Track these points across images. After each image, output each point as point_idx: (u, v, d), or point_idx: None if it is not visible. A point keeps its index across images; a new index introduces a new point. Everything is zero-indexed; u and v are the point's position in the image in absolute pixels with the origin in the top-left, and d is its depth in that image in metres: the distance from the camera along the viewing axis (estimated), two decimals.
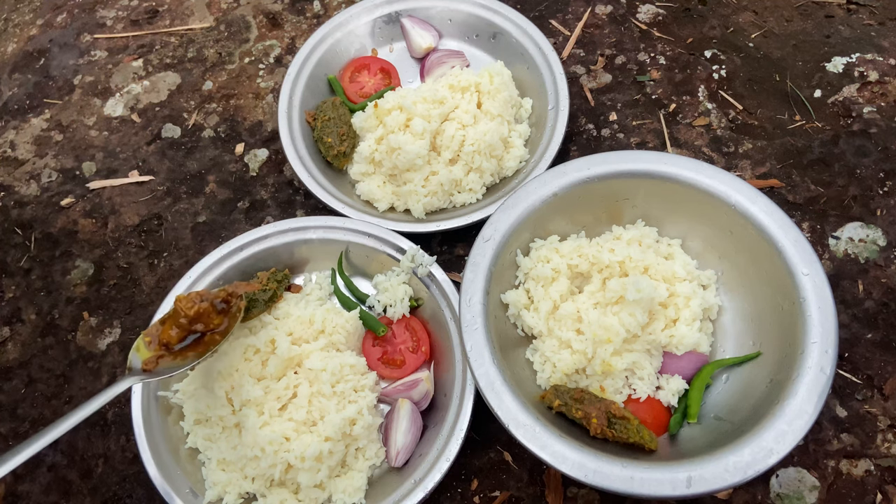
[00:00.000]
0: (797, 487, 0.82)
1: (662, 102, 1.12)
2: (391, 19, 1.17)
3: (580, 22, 1.23)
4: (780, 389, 0.72)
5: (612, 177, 0.87)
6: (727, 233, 0.85)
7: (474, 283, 0.81)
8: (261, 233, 0.96)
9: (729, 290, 0.88)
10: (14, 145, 1.23)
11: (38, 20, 1.40)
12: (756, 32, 1.18)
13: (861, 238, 0.97)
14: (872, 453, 0.83)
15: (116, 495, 0.90)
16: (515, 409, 0.73)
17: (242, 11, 1.34)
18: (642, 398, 0.82)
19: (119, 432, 0.94)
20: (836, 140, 1.05)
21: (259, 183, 1.12)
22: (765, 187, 1.02)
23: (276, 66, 1.26)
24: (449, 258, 1.02)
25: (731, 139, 1.08)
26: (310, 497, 0.82)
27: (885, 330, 0.91)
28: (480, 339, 0.77)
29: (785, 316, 0.78)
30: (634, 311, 0.80)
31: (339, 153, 1.05)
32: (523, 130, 1.05)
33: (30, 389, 0.99)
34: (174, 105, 1.23)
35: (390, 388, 0.89)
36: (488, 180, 1.02)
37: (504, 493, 0.85)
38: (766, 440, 0.68)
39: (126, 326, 1.02)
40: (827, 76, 1.12)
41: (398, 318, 0.93)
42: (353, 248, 0.96)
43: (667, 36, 1.19)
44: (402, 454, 0.83)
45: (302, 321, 0.89)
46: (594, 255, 0.86)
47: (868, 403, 0.86)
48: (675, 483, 0.67)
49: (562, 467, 0.69)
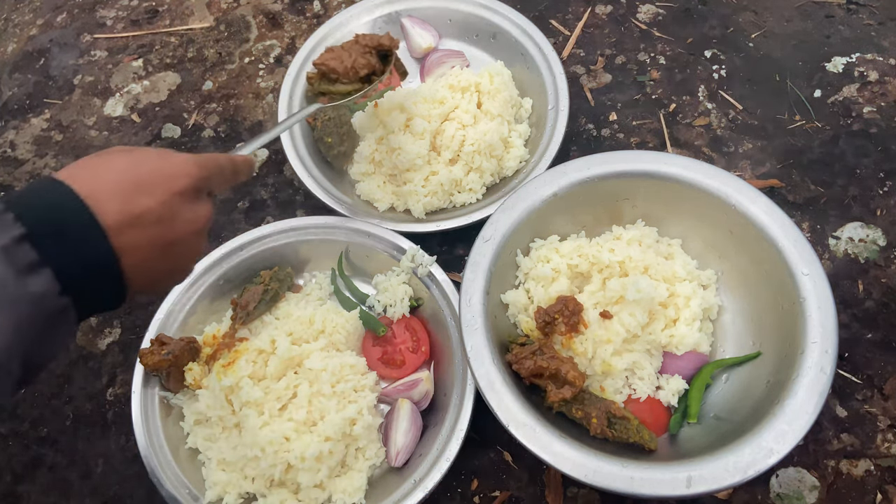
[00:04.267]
0: (797, 487, 0.82)
1: (662, 102, 1.12)
2: (391, 19, 1.17)
3: (580, 22, 1.23)
4: (780, 389, 0.72)
5: (612, 177, 0.87)
6: (727, 233, 0.85)
7: (474, 283, 0.81)
8: (261, 233, 0.96)
9: (729, 290, 0.88)
10: (14, 145, 1.23)
11: (38, 20, 1.40)
12: (756, 32, 1.18)
13: (861, 238, 0.97)
14: (872, 453, 0.83)
15: (116, 495, 0.90)
16: (515, 409, 0.73)
17: (242, 11, 1.34)
18: (642, 398, 0.82)
19: (119, 432, 0.94)
20: (836, 140, 1.05)
21: (259, 183, 1.12)
22: (765, 187, 1.02)
23: (276, 66, 1.26)
24: (449, 258, 1.02)
25: (731, 139, 1.08)
26: (310, 497, 0.82)
27: (885, 330, 0.91)
28: (480, 339, 0.77)
29: (785, 316, 0.78)
30: (634, 311, 0.81)
31: (339, 153, 1.05)
32: (523, 130, 1.05)
33: (30, 389, 0.99)
34: (174, 105, 1.23)
35: (390, 388, 0.89)
36: (488, 180, 1.02)
37: (504, 493, 0.85)
38: (766, 440, 0.68)
39: (126, 326, 1.02)
40: (827, 76, 1.12)
41: (398, 318, 0.93)
42: (353, 248, 0.96)
43: (667, 36, 1.19)
44: (402, 454, 0.83)
45: (302, 321, 0.89)
46: (594, 255, 0.86)
47: (868, 403, 0.86)
48: (675, 483, 0.67)
49: (562, 467, 0.69)
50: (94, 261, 0.49)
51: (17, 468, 0.94)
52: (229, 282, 0.96)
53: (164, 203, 0.54)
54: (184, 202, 0.56)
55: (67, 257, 0.47)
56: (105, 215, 0.49)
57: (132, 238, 0.51)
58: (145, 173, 0.54)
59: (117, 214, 0.50)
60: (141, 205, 0.52)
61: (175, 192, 0.55)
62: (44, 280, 0.46)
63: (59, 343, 0.50)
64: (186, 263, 0.60)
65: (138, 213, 0.52)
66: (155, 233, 0.53)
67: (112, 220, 0.50)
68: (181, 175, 0.56)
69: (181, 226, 0.56)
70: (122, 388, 0.97)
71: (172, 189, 0.55)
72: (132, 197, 0.52)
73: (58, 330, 0.48)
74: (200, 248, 0.60)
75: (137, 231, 0.52)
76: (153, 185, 0.54)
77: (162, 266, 0.56)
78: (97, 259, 0.49)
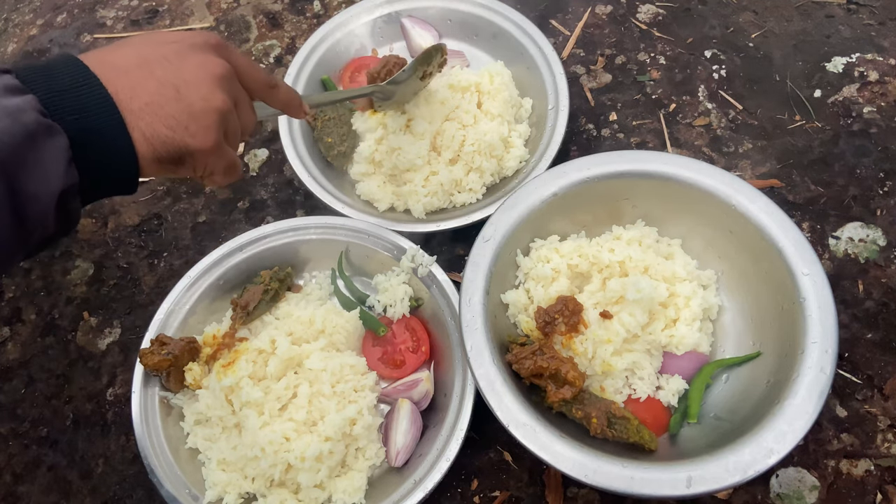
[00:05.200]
0: (797, 487, 0.82)
1: (662, 102, 1.12)
2: (391, 19, 1.17)
3: (580, 22, 1.23)
4: (780, 389, 0.73)
5: (612, 177, 0.87)
6: (727, 233, 0.85)
7: (474, 283, 0.81)
8: (261, 233, 0.96)
9: (729, 290, 0.88)
10: None
11: (38, 20, 1.40)
12: (756, 32, 1.18)
13: (861, 238, 0.97)
14: (872, 453, 0.83)
15: (116, 495, 0.90)
16: (515, 409, 0.73)
17: (242, 11, 1.34)
18: (642, 398, 0.82)
19: (119, 432, 0.94)
20: (836, 140, 1.05)
21: (259, 183, 1.12)
22: (765, 187, 1.02)
23: (276, 66, 1.26)
24: (449, 258, 1.02)
25: (731, 139, 1.08)
26: (310, 497, 0.82)
27: (885, 330, 0.91)
28: (480, 339, 0.77)
29: (785, 316, 0.78)
30: (634, 311, 0.81)
31: (339, 153, 1.05)
32: (523, 130, 1.05)
33: (30, 389, 0.99)
34: None
35: (390, 388, 0.89)
36: (488, 180, 1.02)
37: (504, 493, 0.85)
38: (766, 440, 0.68)
39: (126, 326, 1.02)
40: (827, 76, 1.12)
41: (398, 318, 0.93)
42: (353, 248, 0.96)
43: (667, 36, 1.19)
44: (402, 454, 0.83)
45: (302, 321, 0.89)
46: (594, 254, 0.86)
47: (868, 403, 0.86)
48: (675, 483, 0.67)
49: (562, 467, 0.69)
50: (88, 99, 0.48)
51: (17, 468, 0.94)
52: (229, 282, 0.96)
53: (173, 49, 0.53)
54: (195, 50, 0.55)
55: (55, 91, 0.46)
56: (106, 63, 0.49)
57: (136, 77, 0.50)
58: (164, 41, 0.54)
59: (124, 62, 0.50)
60: (150, 53, 0.51)
61: (188, 43, 0.54)
62: (23, 100, 0.45)
63: (51, 171, 0.47)
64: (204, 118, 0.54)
65: (144, 56, 0.51)
66: (161, 73, 0.51)
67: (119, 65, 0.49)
68: (198, 35, 0.56)
69: (191, 69, 0.53)
70: (122, 388, 0.97)
71: (186, 41, 0.55)
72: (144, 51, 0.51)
73: (43, 153, 0.46)
74: (218, 100, 0.55)
75: (142, 72, 0.50)
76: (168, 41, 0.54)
77: (175, 111, 0.52)
78: (90, 97, 0.48)
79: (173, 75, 0.52)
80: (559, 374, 0.77)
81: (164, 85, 0.51)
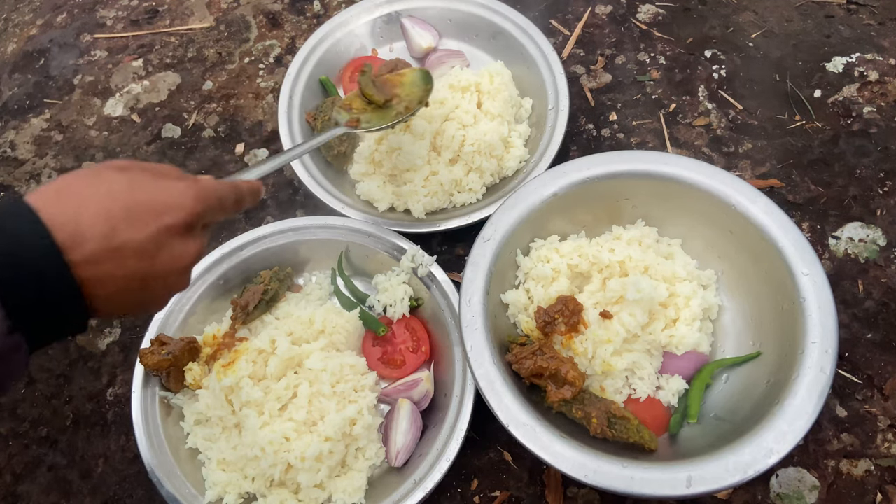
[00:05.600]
0: (797, 487, 0.82)
1: (662, 102, 1.12)
2: (391, 19, 1.17)
3: (580, 22, 1.23)
4: (780, 389, 0.72)
5: (612, 177, 0.87)
6: (727, 233, 0.85)
7: (474, 283, 0.81)
8: (261, 233, 0.96)
9: (729, 290, 0.88)
10: (14, 145, 1.23)
11: (38, 20, 1.40)
12: (756, 32, 1.18)
13: (861, 238, 0.97)
14: (872, 453, 0.83)
15: (116, 495, 0.90)
16: (515, 409, 0.73)
17: (242, 11, 1.34)
18: (642, 398, 0.82)
19: (119, 432, 0.94)
20: (836, 140, 1.05)
21: None
22: (765, 187, 1.02)
23: (276, 66, 1.26)
24: (449, 258, 1.02)
25: (731, 139, 1.08)
26: (310, 497, 0.82)
27: (885, 330, 0.91)
28: (480, 339, 0.77)
29: (785, 316, 0.78)
30: (634, 311, 0.81)
31: (339, 153, 1.05)
32: (523, 130, 1.05)
33: (30, 389, 0.99)
34: (174, 105, 1.23)
35: (390, 388, 0.89)
36: (488, 180, 1.02)
37: (504, 493, 0.85)
38: (766, 440, 0.68)
39: (126, 326, 1.02)
40: (827, 76, 1.12)
41: (398, 318, 0.93)
42: (353, 248, 0.96)
43: (667, 36, 1.19)
44: (402, 454, 0.83)
45: (302, 321, 0.89)
46: (594, 254, 0.86)
47: (868, 403, 0.86)
48: (675, 483, 0.67)
49: (562, 467, 0.69)
50: (55, 294, 0.46)
51: (17, 468, 0.94)
52: (229, 282, 0.96)
53: (150, 237, 0.50)
54: (172, 237, 0.52)
55: (22, 292, 0.44)
56: (78, 247, 0.46)
57: (107, 269, 0.48)
58: (136, 201, 0.49)
59: (96, 244, 0.46)
60: (124, 236, 0.48)
61: (165, 227, 0.51)
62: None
63: (10, 377, 0.46)
64: (163, 297, 0.55)
65: (118, 245, 0.48)
66: (134, 267, 0.49)
67: (88, 250, 0.46)
68: (175, 208, 0.52)
69: (164, 262, 0.51)
70: (122, 388, 0.97)
71: (163, 222, 0.50)
72: (117, 226, 0.48)
73: (8, 366, 0.45)
74: (182, 285, 0.56)
75: (114, 263, 0.48)
76: (143, 215, 0.49)
77: (135, 299, 0.52)
78: (58, 292, 0.46)
79: (145, 269, 0.50)
80: (559, 374, 0.77)
81: (133, 279, 0.50)
